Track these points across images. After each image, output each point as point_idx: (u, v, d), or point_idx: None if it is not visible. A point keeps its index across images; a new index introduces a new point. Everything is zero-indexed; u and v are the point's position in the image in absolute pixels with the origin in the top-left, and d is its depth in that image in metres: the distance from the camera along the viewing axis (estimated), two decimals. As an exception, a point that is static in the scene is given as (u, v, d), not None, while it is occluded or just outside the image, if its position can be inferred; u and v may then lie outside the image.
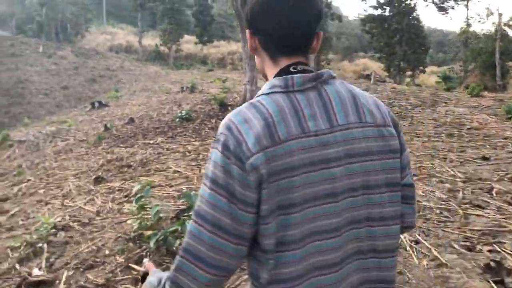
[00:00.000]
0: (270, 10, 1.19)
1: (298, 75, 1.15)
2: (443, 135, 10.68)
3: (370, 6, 41.24)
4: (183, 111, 15.99)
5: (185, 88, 23.76)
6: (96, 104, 22.79)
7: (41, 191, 8.84)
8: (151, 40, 50.85)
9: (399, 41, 38.29)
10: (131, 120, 17.45)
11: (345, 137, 1.11)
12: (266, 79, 1.27)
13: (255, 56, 1.34)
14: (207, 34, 46.98)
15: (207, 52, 51.47)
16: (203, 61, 48.69)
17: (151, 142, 12.80)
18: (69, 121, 19.54)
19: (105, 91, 35.07)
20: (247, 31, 1.31)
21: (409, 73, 40.88)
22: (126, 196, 7.22)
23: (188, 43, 52.00)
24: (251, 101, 1.16)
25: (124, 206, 6.59)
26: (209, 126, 14.54)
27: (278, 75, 1.19)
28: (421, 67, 40.63)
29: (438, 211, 5.37)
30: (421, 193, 6.01)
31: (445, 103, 17.78)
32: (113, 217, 6.12)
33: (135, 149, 11.95)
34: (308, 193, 1.07)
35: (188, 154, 10.48)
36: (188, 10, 49.40)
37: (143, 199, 5.11)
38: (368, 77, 35.09)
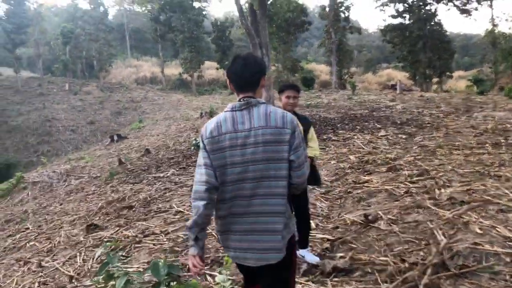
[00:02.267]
0: (233, 69, 2.48)
1: (239, 102, 2.43)
2: (487, 145, 8.98)
3: (389, 16, 39.63)
4: (197, 139, 14.72)
5: (204, 114, 22.60)
6: (115, 137, 21.85)
7: (30, 244, 7.63)
8: (175, 69, 50.44)
9: (422, 48, 36.45)
10: (147, 151, 16.31)
11: (256, 133, 2.34)
12: None
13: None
14: (227, 58, 46.11)
15: (229, 76, 50.58)
16: (225, 85, 47.73)
17: (162, 175, 11.53)
18: (86, 157, 18.56)
19: (130, 122, 34.45)
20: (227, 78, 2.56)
21: (435, 79, 38.79)
22: (112, 250, 5.87)
23: (210, 69, 51.33)
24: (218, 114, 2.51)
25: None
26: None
27: (237, 102, 2.46)
28: (447, 73, 38.53)
29: (509, 259, 3.79)
30: (479, 231, 4.44)
31: (481, 108, 15.96)
32: (86, 286, 4.77)
33: (143, 185, 10.69)
34: (233, 159, 2.34)
35: (196, 188, 9.11)
36: (207, 37, 48.80)
37: (110, 266, 3.73)
38: (393, 87, 33.32)
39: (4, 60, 48.71)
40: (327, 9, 38.45)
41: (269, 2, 16.01)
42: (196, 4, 45.34)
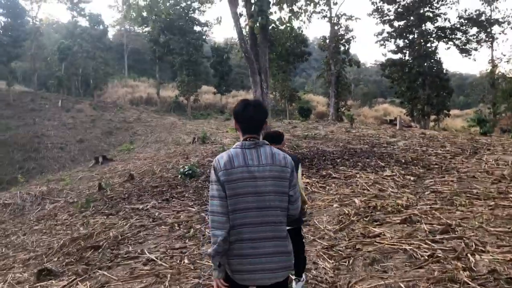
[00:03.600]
0: (244, 114, 2.78)
1: (248, 142, 2.73)
2: (511, 195, 7.77)
3: (389, 51, 38.99)
4: (186, 167, 13.45)
5: (196, 139, 21.35)
6: (100, 159, 20.50)
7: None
8: (171, 92, 49.40)
9: (421, 84, 35.67)
10: (131, 177, 14.96)
11: (265, 169, 2.66)
12: None
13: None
14: (225, 84, 45.31)
15: (226, 101, 49.67)
16: (222, 110, 46.74)
17: (141, 207, 10.19)
18: (66, 179, 17.17)
19: (120, 143, 33.08)
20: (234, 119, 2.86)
21: (433, 117, 37.90)
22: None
23: (207, 93, 50.38)
24: (227, 150, 2.77)
25: None
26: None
27: (243, 140, 2.76)
28: (445, 111, 37.68)
29: None
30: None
31: (488, 149, 14.83)
32: None
33: (118, 218, 9.34)
34: (245, 190, 2.62)
35: (176, 227, 7.81)
36: (206, 61, 48.00)
37: None
38: (391, 122, 32.36)
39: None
40: (327, 40, 37.78)
41: (270, 27, 14.89)
42: (197, 28, 44.68)
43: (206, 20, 47.57)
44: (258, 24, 13.77)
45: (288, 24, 15.23)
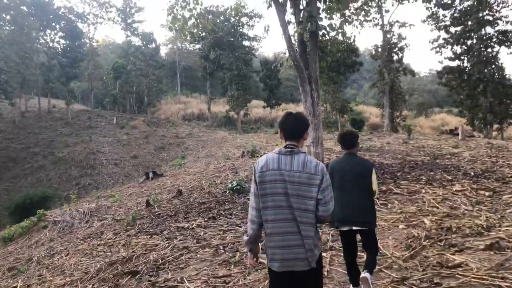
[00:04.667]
0: (286, 124, 3.17)
1: (285, 149, 3.09)
2: None
3: (446, 58, 36.85)
4: (234, 182, 12.70)
5: (245, 153, 20.65)
6: (151, 175, 20.19)
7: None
8: (222, 107, 49.37)
9: (483, 92, 33.31)
10: (179, 193, 14.40)
11: (294, 174, 2.98)
12: None
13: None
14: (275, 97, 44.59)
15: (276, 115, 48.95)
16: (271, 124, 46.04)
17: (186, 225, 9.49)
18: (116, 196, 16.88)
19: (173, 158, 33.08)
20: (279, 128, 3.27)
21: (495, 126, 35.31)
22: None
23: (257, 107, 49.90)
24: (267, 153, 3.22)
25: None
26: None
27: (283, 147, 3.12)
28: (509, 119, 35.01)
29: None
30: None
31: None
32: None
33: (161, 238, 8.66)
34: (274, 191, 2.99)
35: (221, 250, 7.00)
36: (256, 75, 47.61)
37: None
38: (452, 132, 30.37)
39: (60, 93, 49.29)
40: (379, 49, 36.30)
41: (320, 33, 13.98)
42: (246, 43, 44.46)
43: (255, 35, 47.36)
44: (307, 31, 12.90)
45: (339, 30, 14.24)
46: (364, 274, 4.23)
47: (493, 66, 34.60)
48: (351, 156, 4.60)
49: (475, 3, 34.23)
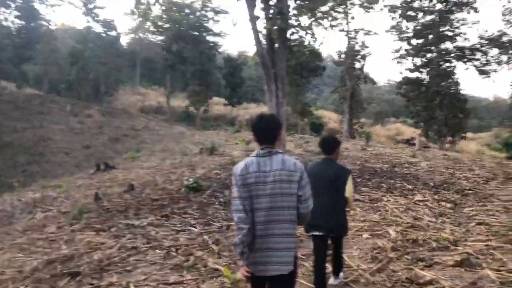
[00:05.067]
0: (258, 126, 3.12)
1: (262, 151, 3.06)
2: None
3: (406, 69, 37.54)
4: (190, 179, 12.09)
5: (204, 150, 20.03)
6: (102, 166, 19.20)
7: None
8: (182, 102, 48.27)
9: (439, 104, 34.12)
10: (131, 187, 13.59)
11: (275, 173, 2.97)
12: None
13: None
14: (237, 95, 44.05)
15: (237, 113, 48.44)
16: (232, 122, 45.48)
17: (137, 223, 8.83)
18: (63, 186, 15.86)
19: (127, 150, 31.81)
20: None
21: (449, 138, 36.30)
22: None
23: (218, 105, 49.18)
24: (246, 159, 3.14)
25: None
26: (221, 199, 10.55)
27: (259, 150, 3.09)
28: (461, 133, 36.09)
29: None
30: None
31: (523, 175, 13.35)
32: None
33: (108, 235, 7.98)
34: (257, 193, 2.95)
35: (173, 253, 6.44)
36: (219, 72, 46.91)
37: None
38: (408, 142, 30.89)
39: (10, 74, 46.66)
40: (343, 55, 36.55)
41: (289, 32, 13.60)
42: (210, 38, 43.66)
43: (220, 30, 46.62)
44: (276, 27, 12.51)
45: (308, 31, 13.93)
46: (332, 280, 4.51)
47: (450, 80, 35.60)
48: (328, 161, 4.60)
49: (438, 18, 35.07)
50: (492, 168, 14.93)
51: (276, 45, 13.22)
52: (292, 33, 13.94)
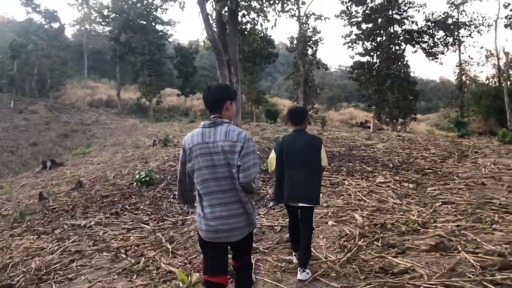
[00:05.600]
0: (205, 96, 3.13)
1: (208, 121, 3.05)
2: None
3: (357, 53, 37.71)
4: (142, 173, 11.31)
5: (157, 142, 19.17)
6: (49, 164, 18.02)
7: None
8: (133, 94, 46.59)
9: (390, 87, 34.50)
10: (79, 184, 12.70)
11: (218, 144, 2.92)
12: None
13: None
14: (190, 85, 42.88)
15: (191, 104, 47.32)
16: (186, 113, 44.38)
17: (84, 223, 8.06)
18: (5, 187, 14.69)
19: (77, 146, 30.37)
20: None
21: (400, 120, 36.87)
22: None
23: (171, 96, 47.90)
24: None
25: None
26: (175, 193, 9.85)
27: (207, 120, 3.11)
28: (412, 115, 36.74)
29: None
30: None
31: (476, 152, 13.44)
32: None
33: (51, 239, 7.18)
34: (202, 164, 2.97)
35: (123, 255, 5.76)
36: (170, 62, 45.57)
37: None
38: (362, 125, 31.08)
39: None
40: (295, 41, 36.26)
41: (240, 14, 12.96)
42: (159, 27, 42.19)
43: (169, 19, 45.14)
44: (227, 9, 11.86)
45: (260, 13, 13.33)
46: (300, 275, 4.22)
47: (399, 63, 36.05)
48: (299, 132, 4.55)
49: (385, 1, 35.32)
50: (447, 147, 14.98)
51: (227, 29, 12.56)
52: (244, 15, 13.31)
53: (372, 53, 37.06)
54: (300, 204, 4.36)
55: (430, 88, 70.82)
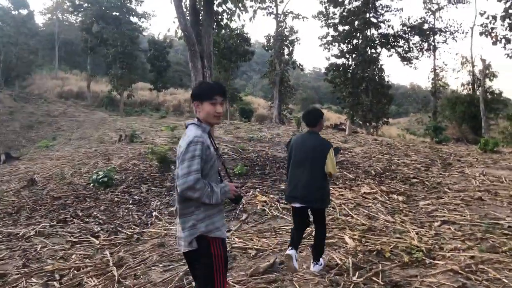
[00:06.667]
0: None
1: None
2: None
3: (333, 55, 36.84)
4: (100, 172, 9.92)
5: (124, 137, 17.70)
6: (3, 158, 16.34)
7: None
8: (105, 86, 44.50)
9: (365, 90, 33.79)
10: (32, 182, 11.23)
11: (179, 150, 2.67)
12: None
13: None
14: (163, 80, 41.18)
15: (163, 99, 45.59)
16: (157, 108, 42.70)
17: (23, 231, 6.71)
18: None
19: (42, 138, 28.44)
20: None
21: (373, 124, 36.27)
22: None
23: (143, 90, 46.02)
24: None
25: None
26: (136, 197, 8.57)
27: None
28: (384, 119, 36.19)
29: None
30: None
31: (459, 160, 12.61)
32: None
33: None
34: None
35: (55, 283, 4.48)
36: (143, 55, 43.76)
37: None
38: (337, 127, 30.26)
39: None
40: (272, 39, 35.17)
41: (216, 3, 11.69)
42: (134, 19, 40.28)
43: (143, 11, 43.28)
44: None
45: (238, 2, 12.08)
46: (312, 268, 4.21)
47: (374, 67, 35.41)
48: (311, 134, 4.42)
49: (362, 4, 34.58)
50: (427, 153, 14.13)
51: (202, 18, 11.30)
52: (220, 4, 12.06)
53: (348, 56, 36.22)
54: (298, 205, 4.30)
55: (401, 93, 71.23)
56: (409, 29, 35.13)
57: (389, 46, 36.12)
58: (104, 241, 5.97)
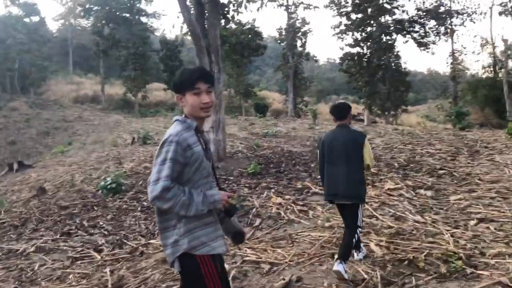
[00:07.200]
0: None
1: None
2: None
3: (347, 45, 35.91)
4: (108, 179, 9.47)
5: (136, 139, 17.32)
6: (15, 166, 16.12)
7: None
8: (119, 89, 44.47)
9: (381, 79, 32.85)
10: (41, 191, 10.89)
11: None
12: None
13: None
14: (176, 79, 40.79)
15: (177, 98, 45.27)
16: (172, 107, 42.44)
17: (23, 247, 6.28)
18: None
19: (58, 144, 28.37)
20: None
21: (392, 112, 35.28)
22: None
23: (158, 90, 45.81)
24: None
25: None
26: (144, 204, 8.06)
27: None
28: (403, 106, 35.18)
29: None
30: None
31: (486, 147, 11.79)
32: None
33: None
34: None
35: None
36: (156, 55, 43.52)
37: None
38: (354, 118, 29.41)
39: None
40: (283, 32, 34.46)
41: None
42: (144, 19, 39.98)
43: (154, 11, 42.81)
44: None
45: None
46: (336, 267, 3.81)
47: (390, 54, 34.41)
48: (342, 128, 4.21)
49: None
50: (452, 141, 13.32)
51: (207, 11, 10.75)
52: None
53: (362, 44, 35.26)
54: (340, 202, 4.16)
55: (418, 79, 69.61)
56: (424, 13, 33.98)
57: (404, 32, 35.04)
58: (107, 256, 5.48)
